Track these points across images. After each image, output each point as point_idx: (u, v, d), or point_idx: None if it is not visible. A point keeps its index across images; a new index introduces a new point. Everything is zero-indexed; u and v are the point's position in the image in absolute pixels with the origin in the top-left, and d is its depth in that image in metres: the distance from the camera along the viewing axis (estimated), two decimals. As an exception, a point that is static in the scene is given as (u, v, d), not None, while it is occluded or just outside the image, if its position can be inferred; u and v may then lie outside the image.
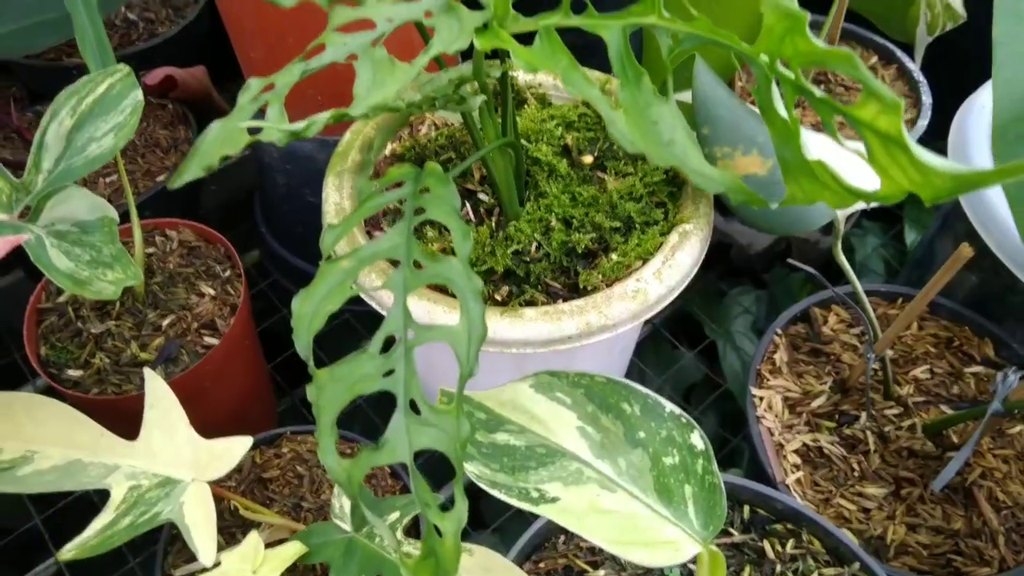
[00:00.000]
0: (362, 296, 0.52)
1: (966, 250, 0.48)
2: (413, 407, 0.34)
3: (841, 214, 0.57)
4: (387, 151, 0.65)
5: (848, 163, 0.58)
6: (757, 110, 0.59)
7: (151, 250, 0.69)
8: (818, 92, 0.30)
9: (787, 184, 0.35)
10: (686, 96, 0.65)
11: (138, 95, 0.56)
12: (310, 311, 0.36)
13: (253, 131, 0.38)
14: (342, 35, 0.39)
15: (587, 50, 0.61)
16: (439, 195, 0.39)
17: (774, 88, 0.33)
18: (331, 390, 0.34)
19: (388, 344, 0.35)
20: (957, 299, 0.67)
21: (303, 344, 0.35)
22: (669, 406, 0.39)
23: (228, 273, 0.68)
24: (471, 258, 0.55)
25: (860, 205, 0.36)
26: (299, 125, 0.36)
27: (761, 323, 0.96)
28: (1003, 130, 0.39)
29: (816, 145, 0.59)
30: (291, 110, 0.38)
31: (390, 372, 0.34)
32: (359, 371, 0.34)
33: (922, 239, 0.80)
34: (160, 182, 0.78)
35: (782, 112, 0.33)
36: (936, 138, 1.03)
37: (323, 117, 0.37)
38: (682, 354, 0.93)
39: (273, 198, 0.85)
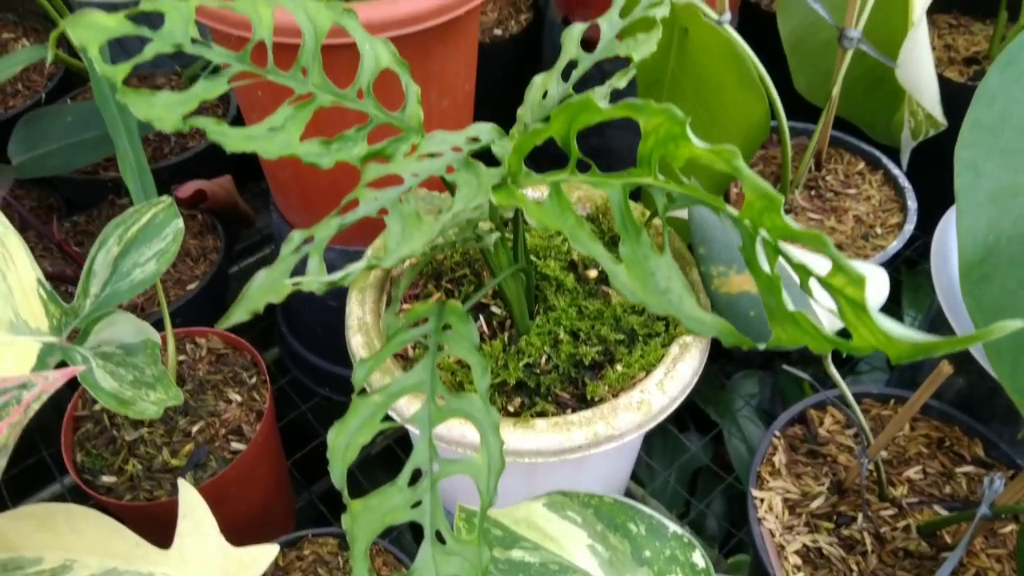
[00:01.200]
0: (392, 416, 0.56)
1: (946, 368, 0.52)
2: (438, 535, 0.37)
3: (829, 324, 0.61)
4: (406, 265, 0.70)
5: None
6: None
7: (182, 358, 0.73)
8: (795, 257, 0.35)
9: (772, 328, 0.39)
10: (682, 213, 0.70)
11: (179, 224, 0.61)
12: (343, 443, 0.39)
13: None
14: (373, 191, 0.44)
15: (602, 150, 0.66)
16: (460, 332, 0.43)
17: (758, 247, 0.37)
18: (364, 520, 0.37)
19: (415, 475, 0.39)
20: (947, 400, 0.71)
21: (338, 475, 0.39)
22: (672, 526, 0.43)
23: (254, 380, 0.72)
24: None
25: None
26: (336, 276, 0.40)
27: (765, 405, 0.99)
28: (968, 270, 0.43)
29: (812, 259, 0.63)
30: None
31: (418, 503, 0.37)
32: (389, 503, 0.37)
33: (913, 338, 0.84)
34: (191, 290, 0.82)
35: (765, 268, 0.37)
36: (925, 232, 1.07)
37: (357, 267, 0.41)
38: (688, 439, 0.96)
39: (294, 300, 0.90)
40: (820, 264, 0.60)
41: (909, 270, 1.10)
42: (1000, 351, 0.44)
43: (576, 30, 0.54)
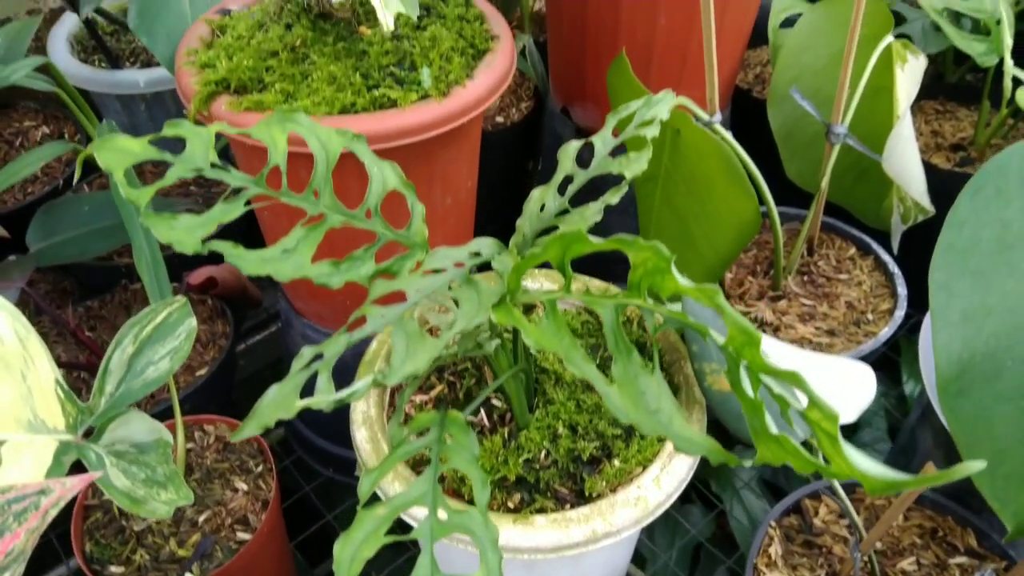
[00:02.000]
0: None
1: (931, 469, 0.54)
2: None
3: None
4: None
5: (832, 377, 0.65)
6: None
7: (191, 445, 0.75)
8: (775, 387, 0.37)
9: (757, 446, 0.41)
10: (676, 306, 0.73)
11: (192, 323, 0.63)
12: (349, 556, 0.41)
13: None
14: (380, 308, 0.46)
15: (604, 234, 0.68)
16: (461, 444, 0.45)
17: (743, 371, 0.39)
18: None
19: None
20: (939, 489, 0.72)
21: (343, 588, 0.40)
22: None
23: (260, 468, 0.74)
24: (486, 467, 0.61)
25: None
26: (343, 394, 0.43)
27: (768, 476, 1.00)
28: (945, 385, 0.45)
29: (800, 360, 0.66)
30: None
31: (420, 618, 0.39)
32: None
33: (906, 424, 0.86)
34: (200, 376, 0.85)
35: (749, 392, 0.39)
36: (919, 311, 1.10)
37: (364, 385, 0.43)
38: (690, 512, 0.97)
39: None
40: (810, 365, 0.61)
41: (908, 338, 1.12)
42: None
43: (572, 147, 0.57)
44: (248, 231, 0.97)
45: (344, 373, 0.87)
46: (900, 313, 0.87)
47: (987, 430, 0.45)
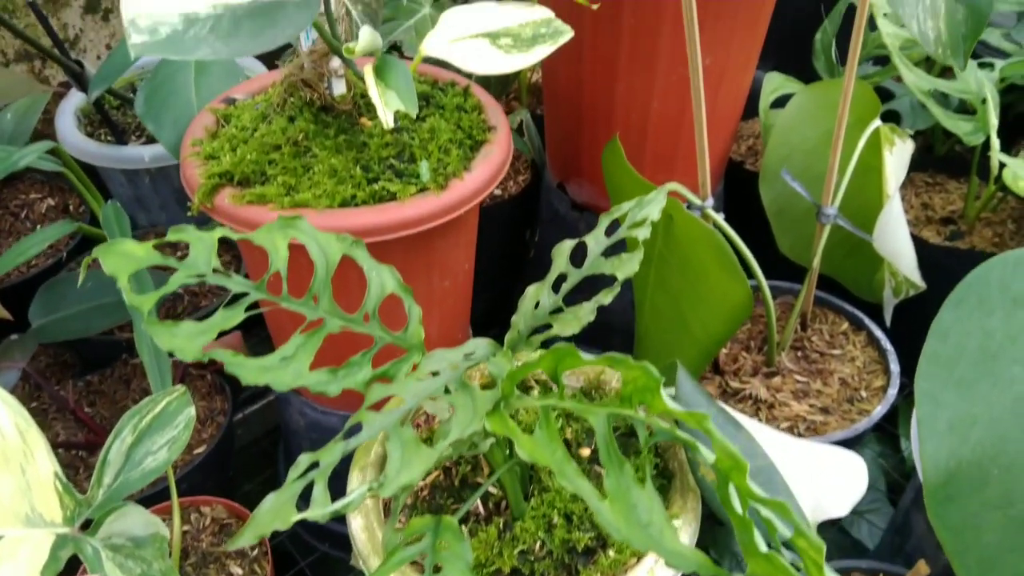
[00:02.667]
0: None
1: (923, 567, 0.54)
2: None
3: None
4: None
5: (824, 468, 0.65)
6: (732, 415, 0.66)
7: (187, 528, 0.75)
8: (763, 511, 0.38)
9: (748, 562, 0.41)
10: (669, 390, 0.73)
11: (190, 412, 0.64)
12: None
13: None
14: (376, 414, 0.47)
15: (602, 326, 0.68)
16: (455, 552, 0.46)
17: (731, 489, 0.40)
18: None
19: None
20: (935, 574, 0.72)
21: None
22: None
23: (255, 552, 0.74)
24: (480, 559, 0.61)
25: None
26: (339, 505, 0.43)
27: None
28: (932, 492, 0.46)
29: (793, 450, 0.66)
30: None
31: None
32: None
33: (900, 505, 0.86)
34: (197, 455, 0.85)
35: (738, 509, 0.40)
36: (912, 378, 1.10)
37: (359, 494, 0.44)
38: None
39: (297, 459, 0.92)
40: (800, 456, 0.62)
41: (906, 400, 1.12)
42: (968, 567, 0.46)
43: (566, 246, 0.59)
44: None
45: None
46: (893, 391, 0.87)
47: (975, 538, 0.46)
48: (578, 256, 0.58)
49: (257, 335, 1.16)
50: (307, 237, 0.51)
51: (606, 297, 0.55)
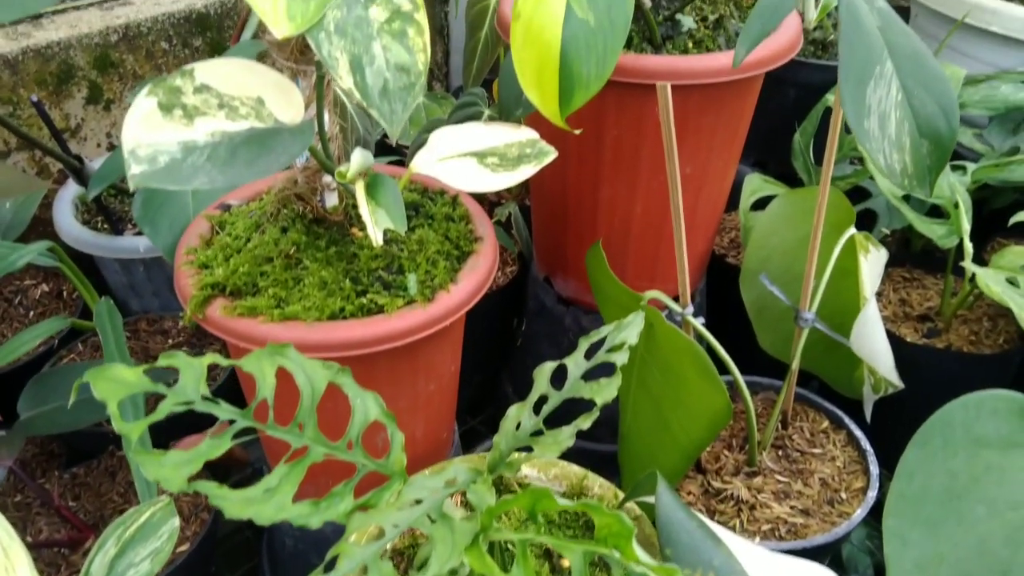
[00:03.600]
0: None
1: None
2: None
3: None
4: (388, 546, 0.73)
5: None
6: (714, 530, 0.67)
7: (166, 633, 0.75)
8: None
9: None
10: (650, 498, 0.74)
11: (175, 523, 0.64)
12: None
13: None
14: (356, 546, 0.48)
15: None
16: None
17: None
18: None
19: None
20: None
21: None
22: None
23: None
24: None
25: None
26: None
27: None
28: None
29: (769, 566, 0.67)
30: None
31: None
32: None
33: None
34: (180, 553, 0.85)
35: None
36: (891, 471, 1.11)
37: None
38: None
39: (281, 556, 0.92)
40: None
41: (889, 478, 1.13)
42: None
43: (547, 368, 0.60)
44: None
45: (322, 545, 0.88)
46: (872, 494, 0.88)
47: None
48: (559, 377, 0.60)
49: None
50: (295, 365, 0.52)
51: (585, 422, 0.56)
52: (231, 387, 1.05)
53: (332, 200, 0.74)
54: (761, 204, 1.10)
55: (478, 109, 1.19)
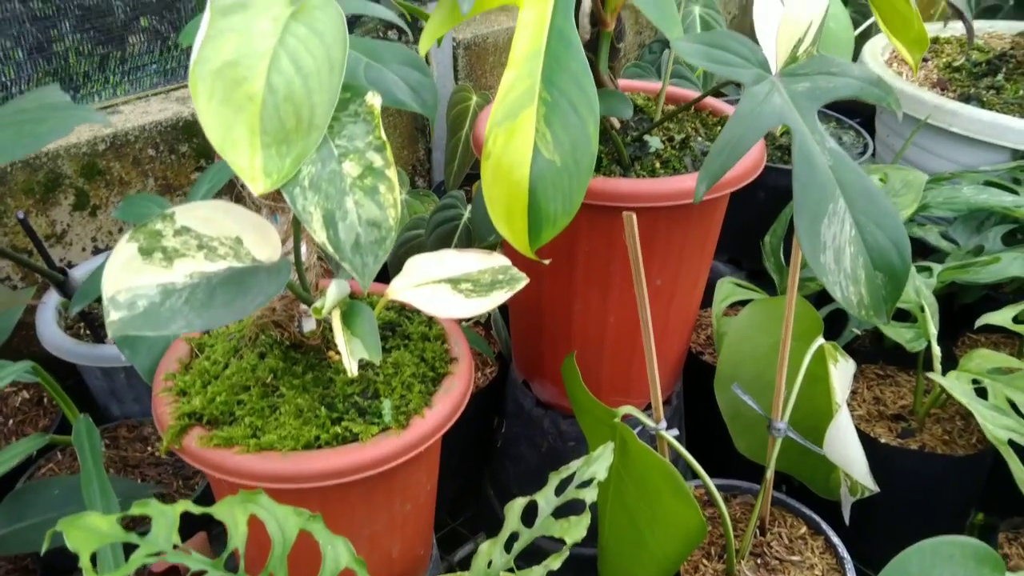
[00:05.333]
0: None
1: None
2: None
3: None
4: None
5: None
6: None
7: None
8: None
9: None
10: None
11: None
12: None
13: None
14: None
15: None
16: None
17: None
18: None
19: None
20: None
21: None
22: None
23: None
24: None
25: None
26: None
27: None
28: None
29: None
30: None
31: None
32: None
33: None
34: None
35: None
36: (869, 567, 1.11)
37: None
38: None
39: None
40: None
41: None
42: None
43: (517, 504, 0.61)
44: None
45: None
46: (850, 601, 0.88)
47: None
48: (530, 515, 0.61)
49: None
50: (266, 513, 0.53)
51: (555, 562, 0.57)
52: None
53: (310, 325, 0.75)
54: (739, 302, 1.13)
55: (457, 211, 1.22)
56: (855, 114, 1.73)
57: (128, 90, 1.36)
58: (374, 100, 0.58)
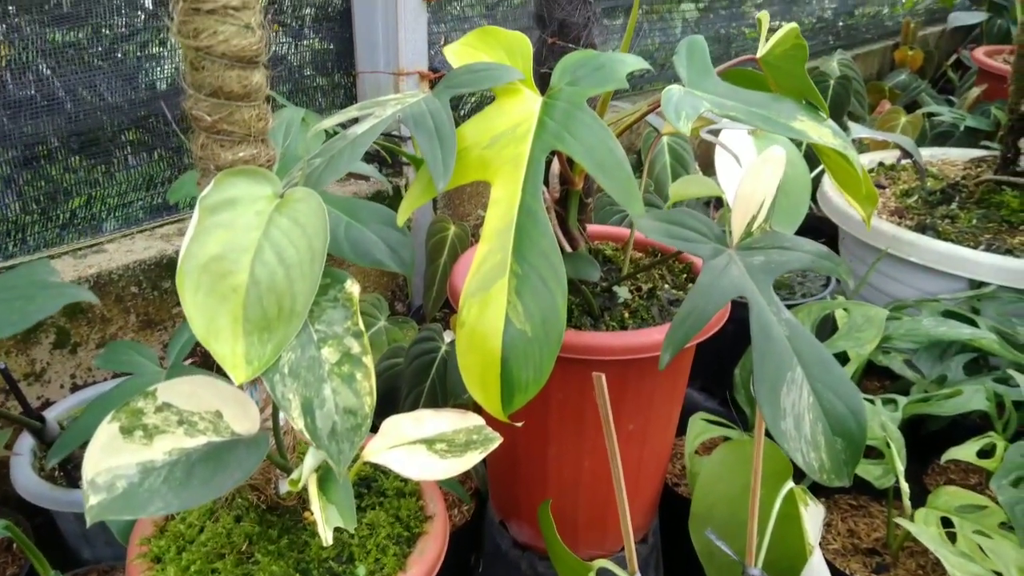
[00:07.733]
0: None
1: None
2: None
3: None
4: None
5: None
6: None
7: None
8: None
9: None
10: None
11: None
12: None
13: None
14: None
15: None
16: None
17: None
18: None
19: None
20: None
21: None
22: None
23: None
24: None
25: None
26: None
27: None
28: None
29: None
30: None
31: None
32: None
33: None
34: None
35: None
36: None
37: None
38: None
39: None
40: None
41: None
42: None
43: None
44: None
45: None
46: None
47: None
48: None
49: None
50: None
51: None
52: None
53: (286, 487, 0.76)
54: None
55: (435, 344, 1.25)
56: (820, 234, 1.80)
57: (115, 226, 1.39)
58: (352, 288, 0.61)
